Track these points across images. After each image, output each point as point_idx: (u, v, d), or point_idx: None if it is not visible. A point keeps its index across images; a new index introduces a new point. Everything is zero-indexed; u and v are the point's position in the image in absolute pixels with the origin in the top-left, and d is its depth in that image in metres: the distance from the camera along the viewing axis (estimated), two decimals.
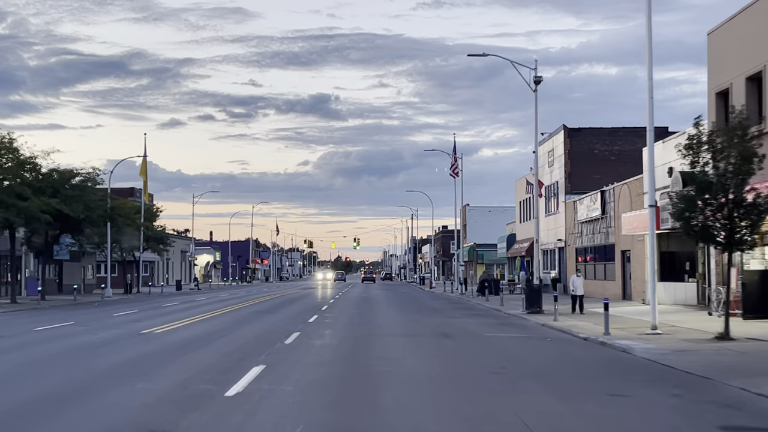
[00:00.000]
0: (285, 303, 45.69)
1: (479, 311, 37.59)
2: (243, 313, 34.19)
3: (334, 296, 56.86)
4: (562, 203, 54.18)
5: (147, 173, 72.50)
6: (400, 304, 45.77)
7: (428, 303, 47.02)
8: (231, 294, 65.33)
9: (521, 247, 65.61)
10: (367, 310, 38.23)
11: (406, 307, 41.07)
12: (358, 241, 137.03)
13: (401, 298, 55.47)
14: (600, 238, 45.95)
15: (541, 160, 60.94)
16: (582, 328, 25.85)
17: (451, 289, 66.89)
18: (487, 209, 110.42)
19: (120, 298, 57.81)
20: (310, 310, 37.31)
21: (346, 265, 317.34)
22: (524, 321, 30.47)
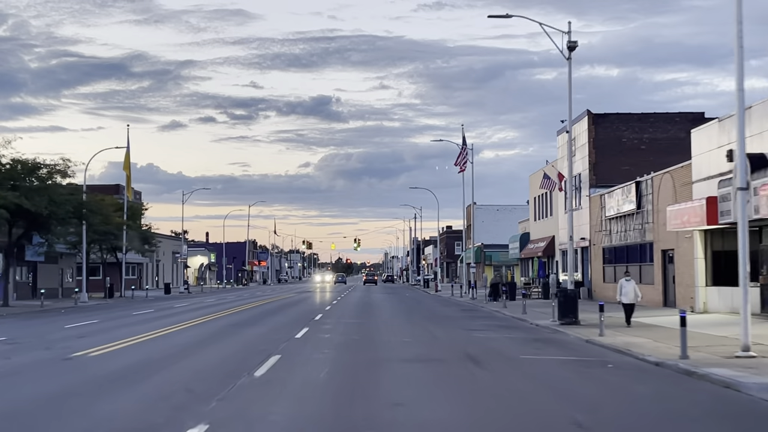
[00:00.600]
0: (274, 310, 40.05)
1: (501, 321, 31.91)
2: (219, 325, 28.52)
3: (332, 301, 51.24)
4: (586, 197, 48.52)
5: (130, 168, 66.98)
6: (406, 311, 40.14)
7: (438, 310, 41.37)
8: (219, 299, 59.69)
9: (537, 247, 59.96)
10: (369, 319, 32.57)
11: (414, 315, 35.43)
12: (358, 242, 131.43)
13: (407, 303, 49.84)
14: (634, 236, 40.30)
15: (559, 151, 55.32)
16: (642, 347, 20.24)
17: (460, 293, 61.23)
18: (494, 208, 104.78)
19: (96, 304, 52.26)
20: (302, 319, 31.66)
21: (347, 266, 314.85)
22: (562, 336, 24.79)
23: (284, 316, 34.71)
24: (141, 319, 33.42)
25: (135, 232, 68.25)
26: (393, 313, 37.15)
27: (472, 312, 39.18)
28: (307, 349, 19.33)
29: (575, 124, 51.32)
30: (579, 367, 16.87)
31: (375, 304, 48.47)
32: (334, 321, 30.75)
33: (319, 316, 33.60)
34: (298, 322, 29.56)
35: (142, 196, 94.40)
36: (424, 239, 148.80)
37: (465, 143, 61.48)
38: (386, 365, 16.45)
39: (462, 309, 42.27)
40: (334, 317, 33.29)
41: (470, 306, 45.74)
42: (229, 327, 27.64)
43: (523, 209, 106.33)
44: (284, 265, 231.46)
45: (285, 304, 47.30)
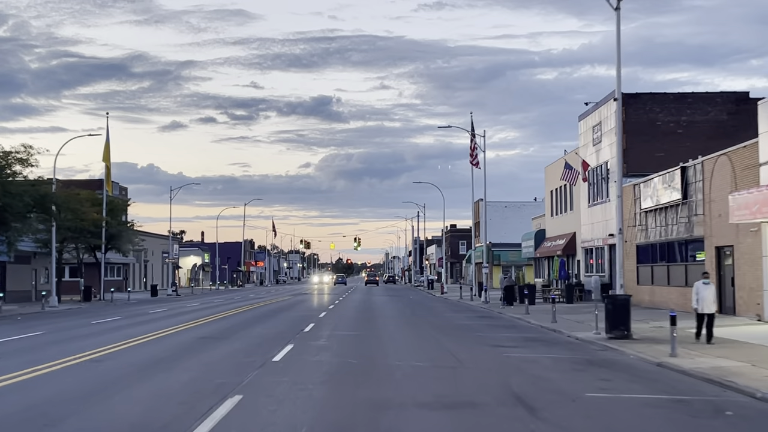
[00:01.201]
0: (260, 318, 34.50)
1: (531, 333, 26.32)
2: (183, 340, 22.92)
3: (329, 306, 45.70)
4: (614, 188, 42.84)
5: (110, 159, 61.41)
6: (413, 318, 34.59)
7: (450, 317, 35.81)
8: (204, 303, 54.14)
9: (555, 245, 54.38)
10: (371, 330, 27.01)
11: (423, 325, 29.86)
12: (359, 242, 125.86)
13: (412, 308, 44.26)
14: (678, 231, 34.70)
15: (582, 138, 49.77)
16: (743, 375, 14.92)
17: (470, 296, 55.64)
18: (502, 204, 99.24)
19: (66, 309, 46.77)
20: (289, 331, 26.11)
21: (347, 267, 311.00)
22: (619, 355, 19.21)
23: (269, 325, 29.13)
24: (97, 330, 27.86)
25: (116, 229, 62.65)
26: (398, 322, 31.58)
27: (490, 320, 33.61)
28: (283, 385, 13.74)
29: (601, 107, 45.77)
30: (680, 414, 11.32)
31: (377, 309, 42.93)
32: (328, 333, 25.17)
33: (310, 326, 28.01)
34: (284, 335, 24.00)
35: (128, 192, 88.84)
36: (427, 239, 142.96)
37: (474, 133, 56.15)
38: (397, 418, 10.85)
39: (477, 315, 36.70)
40: (329, 327, 27.72)
41: (485, 312, 40.18)
42: (196, 342, 22.06)
43: (532, 206, 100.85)
44: (283, 266, 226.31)
45: (275, 309, 41.77)
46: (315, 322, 30.58)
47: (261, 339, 22.87)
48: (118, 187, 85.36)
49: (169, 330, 26.47)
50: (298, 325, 28.43)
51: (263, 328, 27.33)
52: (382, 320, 32.45)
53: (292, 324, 29.49)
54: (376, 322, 31.03)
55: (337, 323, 29.99)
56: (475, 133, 55.82)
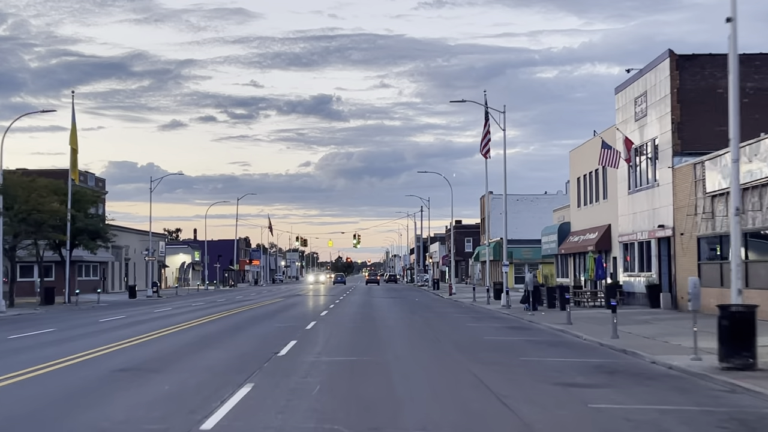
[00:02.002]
0: (228, 331, 27.11)
1: (596, 356, 18.85)
2: (93, 374, 15.50)
3: (322, 312, 38.32)
4: (668, 169, 35.51)
5: (77, 143, 54.01)
6: (427, 331, 27.18)
7: (474, 328, 28.40)
8: (178, 307, 46.77)
9: (585, 239, 46.95)
10: (372, 355, 19.58)
11: (443, 341, 22.44)
12: (358, 239, 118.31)
13: (422, 315, 36.83)
14: (764, 219, 27.26)
15: (620, 114, 42.42)
16: None
17: (486, 299, 48.25)
18: (513, 198, 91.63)
19: (16, 315, 39.52)
20: (255, 357, 18.67)
21: (347, 266, 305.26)
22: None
23: (234, 344, 21.70)
24: (8, 348, 20.50)
25: (83, 223, 55.25)
26: (409, 338, 24.12)
27: (525, 332, 26.20)
28: None
29: (647, 73, 38.35)
30: None
31: (379, 316, 35.52)
32: (312, 359, 17.74)
33: (289, 347, 20.56)
34: (247, 364, 16.59)
35: (106, 184, 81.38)
36: (430, 236, 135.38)
37: (488, 118, 48.93)
38: None
39: (507, 326, 29.25)
40: (315, 348, 20.30)
41: (513, 320, 32.77)
42: (103, 381, 14.62)
43: (546, 199, 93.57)
44: (280, 265, 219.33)
45: (256, 317, 34.39)
46: (298, 337, 23.14)
47: (209, 373, 15.44)
48: (94, 179, 78.03)
49: (83, 355, 19.00)
50: (273, 344, 21.01)
51: (223, 351, 19.88)
52: (386, 334, 24.99)
53: (266, 342, 22.06)
54: (380, 338, 23.57)
55: (327, 340, 22.56)
56: (489, 113, 48.66)
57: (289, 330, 26.04)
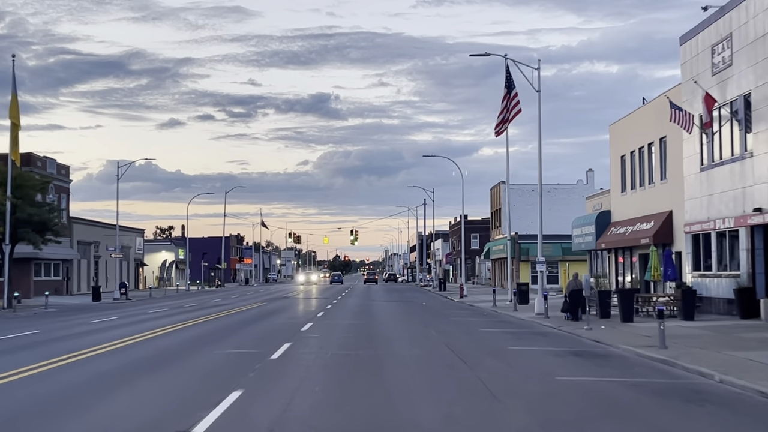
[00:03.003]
0: (155, 363, 17.98)
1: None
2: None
3: (306, 323, 29.18)
4: (765, 134, 26.40)
5: (19, 117, 44.93)
6: (457, 366, 17.87)
7: (519, 353, 19.20)
8: (131, 315, 37.68)
9: (635, 230, 37.82)
10: (376, 400, 10.37)
11: (495, 388, 13.24)
12: (355, 235, 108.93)
13: (440, 329, 27.53)
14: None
15: (690, 67, 33.37)
16: None
17: (514, 305, 39.20)
18: (528, 188, 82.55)
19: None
20: (199, 397, 9.41)
21: (345, 264, 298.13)
22: None
23: (166, 379, 12.56)
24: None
25: (26, 213, 46.17)
26: (437, 383, 14.88)
27: (605, 363, 17.05)
28: None
29: (730, 11, 29.17)
30: None
31: (382, 334, 26.29)
32: (279, 412, 8.61)
33: (219, 412, 11.37)
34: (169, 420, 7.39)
35: (69, 172, 72.05)
36: (431, 233, 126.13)
37: (510, 85, 40.38)
38: None
39: (568, 350, 20.02)
40: (279, 400, 11.19)
41: (565, 337, 23.65)
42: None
43: (566, 189, 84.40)
44: (275, 263, 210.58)
45: (209, 334, 25.23)
46: (248, 383, 13.89)
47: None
48: (56, 165, 68.79)
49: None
50: (216, 390, 11.89)
51: (142, 394, 10.76)
52: (396, 376, 15.65)
53: (224, 371, 13.00)
54: (386, 385, 14.27)
55: (295, 392, 13.27)
56: (511, 79, 39.99)
57: (242, 364, 16.83)
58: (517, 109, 40.81)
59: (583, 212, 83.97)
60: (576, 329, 25.33)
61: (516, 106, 42.75)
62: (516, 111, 40.65)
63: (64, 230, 51.72)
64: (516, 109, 40.57)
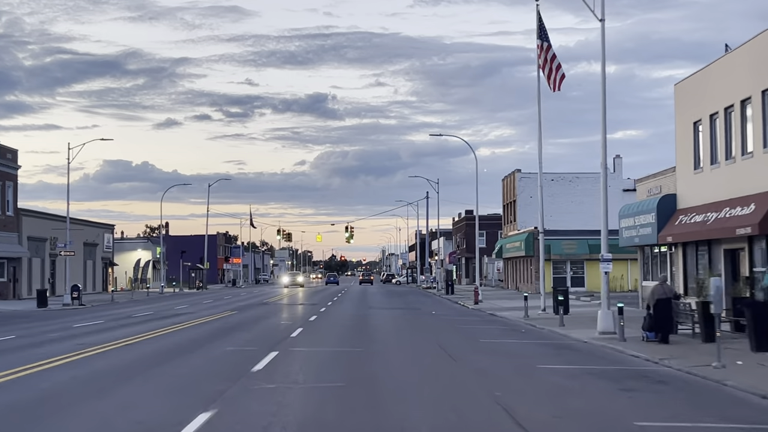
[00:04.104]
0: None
1: None
2: None
3: (278, 343, 19.50)
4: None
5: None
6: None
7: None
8: (46, 333, 27.80)
9: (726, 217, 27.95)
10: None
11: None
12: (350, 232, 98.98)
13: (475, 365, 17.67)
14: None
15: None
16: None
17: (560, 319, 29.44)
18: (548, 177, 72.58)
19: None
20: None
21: (341, 264, 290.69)
22: None
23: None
24: None
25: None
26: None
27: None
28: None
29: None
30: None
31: (386, 372, 16.44)
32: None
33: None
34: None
35: (17, 156, 62.10)
36: (434, 231, 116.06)
37: (543, 29, 31.37)
38: None
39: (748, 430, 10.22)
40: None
41: (702, 387, 13.85)
42: None
43: (590, 178, 74.23)
44: (268, 263, 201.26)
45: (147, 359, 15.59)
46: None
47: None
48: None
49: None
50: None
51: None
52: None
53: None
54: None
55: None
56: (543, 27, 30.75)
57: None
58: (558, 66, 32.79)
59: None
60: (694, 365, 15.63)
61: (554, 60, 33.73)
62: (558, 68, 32.58)
63: (9, 224, 41.74)
64: (558, 67, 32.68)
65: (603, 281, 25.36)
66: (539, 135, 38.31)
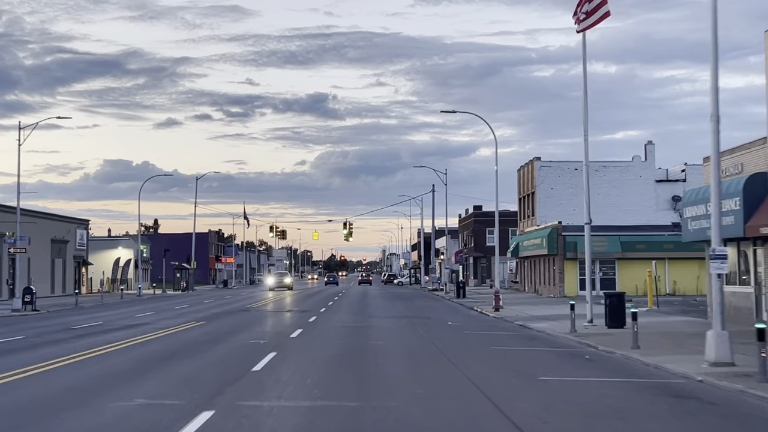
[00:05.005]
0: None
1: None
2: None
3: (238, 379, 11.63)
4: None
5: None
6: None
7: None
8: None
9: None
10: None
11: None
12: (349, 228, 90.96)
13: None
14: None
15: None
16: None
17: (633, 338, 21.58)
18: (570, 167, 64.62)
19: None
20: None
21: (341, 264, 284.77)
22: None
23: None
24: None
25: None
26: None
27: None
28: None
29: None
30: None
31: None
32: None
33: None
34: None
35: None
36: (441, 228, 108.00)
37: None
38: None
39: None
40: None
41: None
42: None
43: (618, 167, 66.40)
44: (264, 263, 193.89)
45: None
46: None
47: None
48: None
49: None
50: None
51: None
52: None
53: None
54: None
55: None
56: None
57: None
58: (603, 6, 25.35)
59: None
60: None
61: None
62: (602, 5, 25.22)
63: None
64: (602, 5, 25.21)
65: (715, 288, 17.48)
66: (584, 94, 30.45)
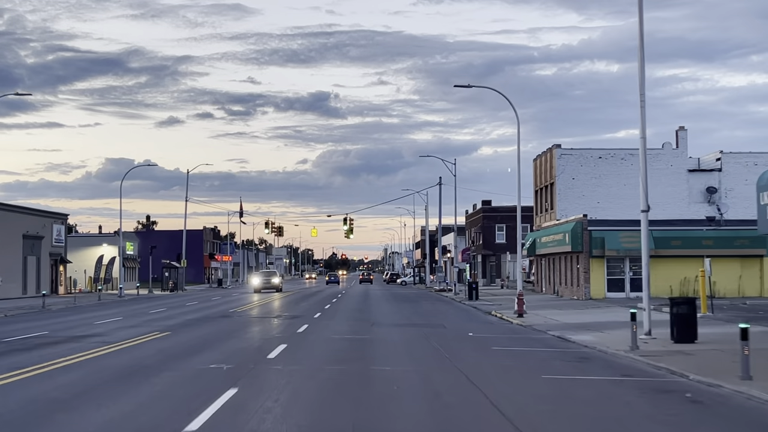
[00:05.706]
0: None
1: None
2: None
3: None
4: None
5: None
6: None
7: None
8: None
9: None
10: None
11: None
12: (349, 225, 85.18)
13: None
14: None
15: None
16: None
17: (743, 365, 15.62)
18: (593, 155, 58.59)
19: None
20: None
21: (342, 262, 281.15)
22: None
23: None
24: None
25: None
26: None
27: None
28: None
29: None
30: None
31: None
32: None
33: None
34: None
35: None
36: (452, 225, 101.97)
37: None
38: None
39: None
40: None
41: None
42: None
43: (648, 155, 60.88)
44: (263, 261, 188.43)
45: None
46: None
47: None
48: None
49: None
50: None
51: None
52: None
53: None
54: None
55: None
56: None
57: None
58: None
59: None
60: None
61: None
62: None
63: None
64: None
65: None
66: (641, 50, 24.61)
